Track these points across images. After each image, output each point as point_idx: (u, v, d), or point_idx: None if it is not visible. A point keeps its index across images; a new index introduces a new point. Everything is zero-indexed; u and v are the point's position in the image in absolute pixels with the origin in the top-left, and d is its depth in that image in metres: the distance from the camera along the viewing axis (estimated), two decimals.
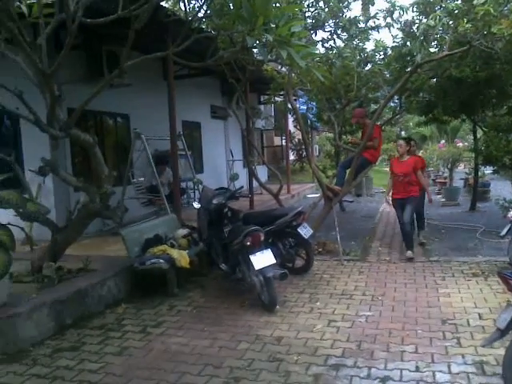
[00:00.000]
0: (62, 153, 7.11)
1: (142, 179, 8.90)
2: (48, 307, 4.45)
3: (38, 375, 3.66)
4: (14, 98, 4.55)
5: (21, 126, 7.48)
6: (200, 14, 5.26)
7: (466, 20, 5.62)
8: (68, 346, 4.19)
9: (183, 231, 6.30)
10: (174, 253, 5.56)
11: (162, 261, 5.38)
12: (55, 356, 4.00)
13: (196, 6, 6.02)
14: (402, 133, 24.56)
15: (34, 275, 5.20)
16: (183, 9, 5.81)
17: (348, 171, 7.68)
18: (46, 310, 4.42)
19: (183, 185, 9.44)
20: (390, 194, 7.37)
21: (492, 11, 5.12)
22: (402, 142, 7.24)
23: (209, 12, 5.40)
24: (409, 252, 6.79)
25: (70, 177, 5.48)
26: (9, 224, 4.39)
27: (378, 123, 8.45)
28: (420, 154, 8.00)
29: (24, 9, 4.38)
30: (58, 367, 3.78)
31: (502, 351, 3.23)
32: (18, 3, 4.33)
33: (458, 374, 3.43)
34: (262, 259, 4.88)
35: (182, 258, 5.55)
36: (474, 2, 5.26)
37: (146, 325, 4.65)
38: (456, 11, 5.80)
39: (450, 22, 5.98)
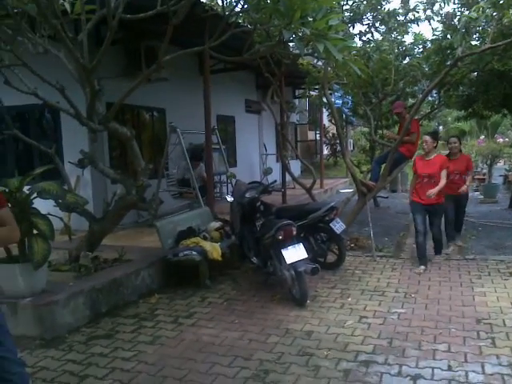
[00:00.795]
0: (100, 146, 7.29)
1: (175, 171, 9.02)
2: (84, 295, 4.59)
3: (73, 361, 3.79)
4: (55, 92, 4.69)
5: (61, 119, 7.70)
6: (237, 9, 5.28)
7: (511, 10, 5.44)
8: (102, 334, 4.32)
9: (216, 224, 6.37)
10: (207, 245, 5.63)
11: (194, 253, 5.47)
12: (90, 343, 4.13)
13: (233, 0, 6.05)
14: (440, 127, 24.01)
15: (72, 264, 5.38)
16: (220, 3, 5.85)
17: (383, 166, 7.57)
18: (83, 298, 4.57)
19: (216, 178, 9.53)
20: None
21: None
22: (427, 137, 6.25)
23: (246, 6, 5.42)
24: (421, 267, 6.09)
25: (107, 169, 5.62)
26: (48, 214, 4.54)
27: (416, 117, 8.29)
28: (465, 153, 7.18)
29: (67, 6, 4.52)
30: (92, 354, 3.91)
31: None
32: (62, 1, 4.46)
33: (491, 374, 3.35)
34: (294, 253, 4.88)
35: (215, 250, 5.62)
36: None
37: (178, 315, 4.74)
38: (501, 1, 5.60)
39: (494, 14, 5.79)
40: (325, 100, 9.26)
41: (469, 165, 7.04)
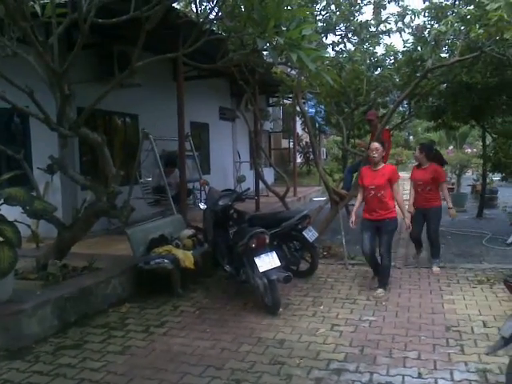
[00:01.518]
0: (70, 151, 7.15)
1: (150, 179, 8.93)
2: (52, 305, 4.48)
3: (40, 372, 3.68)
4: (24, 96, 4.59)
5: (30, 124, 7.54)
6: (211, 16, 5.28)
7: (478, 26, 5.60)
8: (71, 344, 4.22)
9: (188, 232, 6.32)
10: (179, 253, 5.57)
11: (166, 261, 5.40)
12: (58, 353, 4.03)
13: (207, 7, 6.05)
14: (411, 137, 24.52)
15: (39, 272, 5.22)
16: (195, 10, 5.83)
17: (355, 175, 7.66)
18: (50, 308, 4.45)
19: (190, 185, 9.46)
20: (357, 210, 5.72)
21: (506, 17, 5.07)
22: (377, 144, 5.50)
23: (220, 14, 5.42)
24: (380, 290, 5.47)
25: (77, 175, 5.52)
26: (15, 221, 4.42)
27: (387, 127, 8.44)
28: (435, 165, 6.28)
29: (37, 8, 4.43)
30: (60, 365, 3.80)
31: (505, 359, 3.22)
32: (32, 3, 4.37)
33: (460, 381, 3.40)
34: (267, 262, 4.88)
35: (187, 258, 5.56)
36: (487, 8, 5.23)
37: (149, 324, 4.66)
38: (468, 17, 5.77)
39: (462, 28, 5.96)
40: (298, 109, 9.34)
41: (436, 176, 6.31)
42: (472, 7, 5.98)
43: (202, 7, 6.10)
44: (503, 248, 7.30)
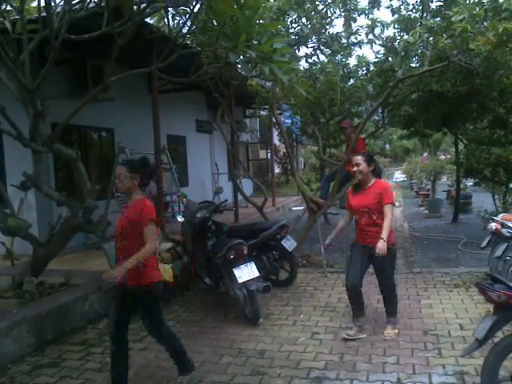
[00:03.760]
0: (45, 167, 7.07)
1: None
2: (28, 323, 4.40)
3: None
4: None
5: (4, 140, 7.44)
6: (184, 30, 5.31)
7: (444, 36, 5.78)
8: (48, 363, 4.14)
9: (167, 245, 6.27)
10: None
11: None
12: (34, 373, 3.95)
13: (180, 22, 6.08)
14: (387, 146, 24.92)
15: (15, 290, 5.14)
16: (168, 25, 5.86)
17: (332, 184, 7.75)
18: (27, 326, 4.37)
19: (168, 198, 9.44)
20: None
21: (469, 28, 5.26)
22: (123, 168, 3.42)
23: (193, 28, 5.46)
24: None
25: (52, 191, 5.46)
26: None
27: (362, 136, 8.57)
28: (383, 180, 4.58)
29: (7, 24, 4.41)
30: None
31: (481, 361, 3.26)
32: (2, 19, 4.35)
33: None
34: (246, 272, 4.89)
35: (166, 272, 5.49)
36: (453, 19, 5.41)
37: (128, 340, 4.59)
38: (435, 28, 5.95)
39: (430, 39, 6.13)
40: (274, 120, 9.42)
41: (383, 197, 4.21)
42: (438, 19, 6.17)
43: (175, 22, 6.13)
44: (478, 252, 7.44)
